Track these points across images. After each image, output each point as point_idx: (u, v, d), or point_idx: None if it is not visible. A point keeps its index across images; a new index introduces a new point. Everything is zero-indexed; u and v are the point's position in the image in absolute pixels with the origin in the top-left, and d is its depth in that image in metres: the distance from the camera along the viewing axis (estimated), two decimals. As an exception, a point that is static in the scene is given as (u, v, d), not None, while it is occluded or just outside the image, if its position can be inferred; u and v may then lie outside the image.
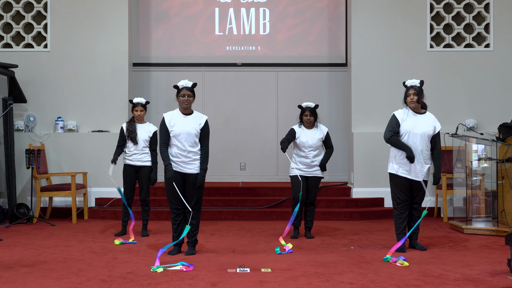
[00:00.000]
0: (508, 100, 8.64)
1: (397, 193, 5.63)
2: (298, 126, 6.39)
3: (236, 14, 9.67)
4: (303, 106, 6.36)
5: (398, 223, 5.67)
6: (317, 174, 6.37)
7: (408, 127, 5.56)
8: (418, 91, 5.55)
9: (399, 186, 5.61)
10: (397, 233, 5.69)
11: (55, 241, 6.23)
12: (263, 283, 4.36)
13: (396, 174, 5.62)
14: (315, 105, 6.36)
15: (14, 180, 7.93)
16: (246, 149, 9.68)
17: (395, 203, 5.68)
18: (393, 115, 5.66)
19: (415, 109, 5.62)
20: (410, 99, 5.59)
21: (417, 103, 5.57)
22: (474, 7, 8.77)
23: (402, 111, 5.65)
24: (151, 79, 9.61)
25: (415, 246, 5.71)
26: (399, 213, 5.66)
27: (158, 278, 4.52)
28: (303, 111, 6.36)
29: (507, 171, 6.56)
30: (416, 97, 5.55)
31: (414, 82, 5.61)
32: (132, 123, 6.65)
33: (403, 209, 5.64)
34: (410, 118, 5.59)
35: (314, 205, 6.43)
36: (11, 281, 4.43)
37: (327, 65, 9.62)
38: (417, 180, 5.58)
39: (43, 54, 8.69)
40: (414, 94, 5.56)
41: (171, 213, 5.48)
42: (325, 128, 6.45)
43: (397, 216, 5.67)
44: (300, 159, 6.35)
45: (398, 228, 5.68)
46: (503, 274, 4.61)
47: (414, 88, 5.57)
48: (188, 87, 5.43)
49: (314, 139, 6.32)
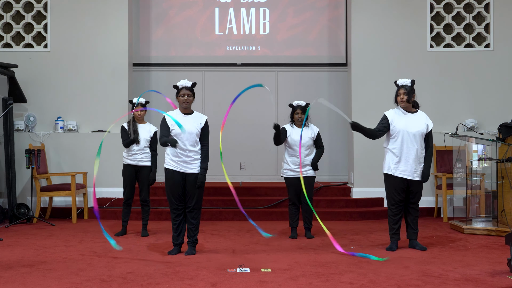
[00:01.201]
0: (508, 100, 8.64)
1: (392, 194, 5.63)
2: (289, 125, 6.44)
3: (236, 14, 9.67)
4: (294, 105, 6.44)
5: (392, 224, 5.68)
6: (310, 173, 6.38)
7: (402, 127, 5.57)
8: (408, 90, 5.58)
9: (395, 187, 5.60)
10: (391, 234, 5.70)
11: (55, 241, 6.23)
12: (263, 283, 4.36)
13: (392, 175, 5.62)
14: (306, 103, 6.40)
15: (14, 180, 7.93)
16: (246, 149, 9.68)
17: (390, 204, 5.68)
18: (384, 114, 5.69)
19: (406, 108, 5.65)
20: (400, 99, 5.63)
21: (407, 102, 5.60)
22: (474, 7, 8.78)
23: (393, 111, 5.68)
24: (151, 79, 9.61)
25: (415, 246, 5.72)
26: (394, 214, 5.66)
27: (158, 278, 4.52)
28: (294, 110, 6.43)
29: (507, 171, 6.56)
30: (406, 97, 5.58)
31: (405, 81, 5.63)
32: (133, 123, 6.63)
33: (397, 210, 5.65)
34: (402, 117, 5.60)
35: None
36: (11, 281, 4.43)
37: (327, 65, 9.63)
38: (414, 179, 5.57)
39: (43, 54, 8.69)
40: (404, 94, 5.59)
41: (171, 213, 5.48)
42: (316, 128, 6.50)
43: (392, 217, 5.67)
44: (291, 158, 6.36)
45: (392, 229, 5.69)
46: (503, 274, 4.61)
47: (405, 87, 5.60)
48: (187, 86, 5.43)
49: (305, 137, 6.34)
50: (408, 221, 5.74)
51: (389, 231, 5.71)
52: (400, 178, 5.59)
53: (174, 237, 5.51)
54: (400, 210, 5.67)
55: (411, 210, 5.70)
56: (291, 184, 6.38)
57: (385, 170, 5.71)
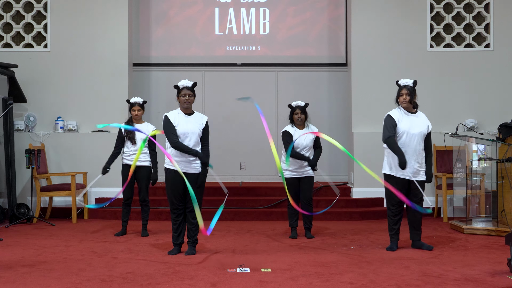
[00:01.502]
0: (508, 100, 8.64)
1: (392, 195, 5.58)
2: (290, 126, 6.39)
3: (236, 14, 9.67)
4: (293, 105, 6.40)
5: (391, 224, 5.67)
6: (309, 173, 6.38)
7: (406, 127, 5.55)
8: (411, 91, 5.56)
9: (395, 187, 5.55)
10: (391, 234, 5.69)
11: (55, 241, 6.23)
12: (263, 283, 4.36)
13: (394, 176, 5.60)
14: (305, 104, 6.38)
15: (14, 180, 7.93)
16: (246, 149, 9.68)
17: (390, 204, 5.66)
18: (388, 115, 5.62)
19: (407, 108, 5.63)
20: (402, 99, 5.59)
21: (409, 103, 5.58)
22: (474, 7, 8.78)
23: (397, 111, 5.63)
24: (151, 79, 9.61)
25: (421, 246, 5.67)
26: (393, 214, 5.65)
27: (158, 278, 4.52)
28: (293, 110, 6.38)
29: (507, 171, 6.56)
30: (409, 97, 5.56)
31: (407, 81, 5.61)
32: (130, 123, 6.65)
33: (397, 211, 5.63)
34: (405, 118, 5.58)
35: (311, 205, 6.39)
36: (11, 281, 4.43)
37: (327, 65, 9.62)
38: (415, 180, 5.55)
39: (43, 54, 8.69)
40: (406, 94, 5.56)
41: (171, 213, 5.48)
42: (315, 128, 6.47)
43: (391, 217, 5.66)
44: (293, 159, 6.33)
45: (392, 229, 5.68)
46: (503, 274, 4.60)
47: (407, 88, 5.57)
48: (188, 87, 5.43)
49: (308, 139, 6.33)
50: (411, 222, 5.71)
51: (389, 231, 5.70)
52: (401, 179, 5.58)
53: (174, 237, 5.51)
54: (400, 211, 5.65)
55: (414, 212, 5.64)
56: (291, 184, 6.37)
57: (385, 170, 5.70)
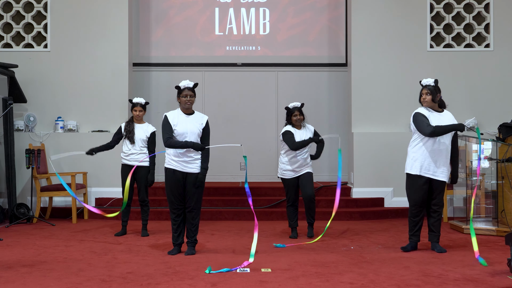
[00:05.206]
0: (508, 100, 8.64)
1: (414, 195, 5.54)
2: (291, 127, 6.41)
3: (236, 14, 9.67)
4: (290, 107, 6.40)
5: (412, 225, 5.62)
6: (309, 169, 6.39)
7: (434, 124, 5.50)
8: (431, 90, 5.55)
9: (417, 187, 5.50)
10: (410, 234, 5.65)
11: (55, 241, 6.23)
12: (263, 283, 4.36)
13: (418, 175, 5.51)
14: (301, 104, 6.40)
15: (14, 180, 7.93)
16: (246, 149, 9.66)
17: (411, 205, 5.60)
18: (417, 113, 5.55)
19: (431, 107, 5.60)
20: (423, 99, 5.60)
21: (432, 102, 5.56)
22: (474, 7, 8.78)
23: (423, 109, 5.59)
24: (151, 79, 9.61)
25: (433, 248, 5.64)
26: (413, 215, 5.59)
27: (158, 278, 4.52)
28: (291, 112, 6.38)
29: (507, 171, 6.56)
30: (430, 97, 5.54)
31: (428, 81, 5.60)
32: (130, 123, 6.65)
33: (418, 212, 5.57)
34: (432, 116, 5.55)
35: (313, 201, 6.36)
36: (11, 281, 4.43)
37: (327, 65, 9.62)
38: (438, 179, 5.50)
39: (43, 54, 8.69)
40: (426, 94, 5.56)
41: (170, 213, 5.48)
42: (312, 126, 6.51)
43: (412, 218, 5.61)
44: (294, 159, 6.34)
45: (412, 230, 5.63)
46: (503, 274, 4.60)
47: (428, 87, 5.56)
48: (189, 87, 5.44)
49: (307, 137, 6.37)
50: (430, 224, 5.65)
51: (409, 231, 5.66)
52: (425, 178, 5.51)
53: (174, 237, 5.51)
54: (421, 211, 5.58)
55: (433, 213, 5.60)
56: (292, 184, 6.38)
57: (409, 170, 5.60)
